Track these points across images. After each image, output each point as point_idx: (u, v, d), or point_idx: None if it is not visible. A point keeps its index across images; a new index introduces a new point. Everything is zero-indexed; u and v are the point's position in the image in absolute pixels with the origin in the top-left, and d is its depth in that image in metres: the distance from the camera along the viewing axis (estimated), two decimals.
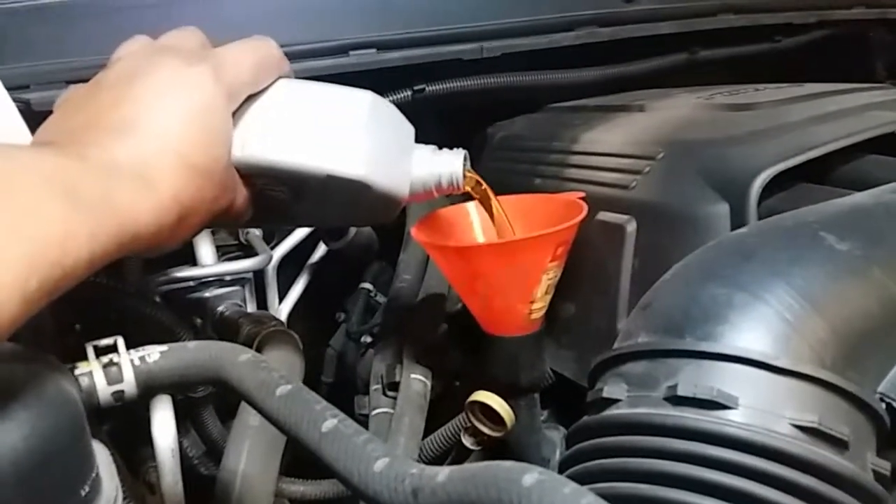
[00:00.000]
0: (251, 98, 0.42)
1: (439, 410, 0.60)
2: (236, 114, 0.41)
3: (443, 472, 0.28)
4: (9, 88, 0.42)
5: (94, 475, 0.32)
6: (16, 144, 0.34)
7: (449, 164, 0.46)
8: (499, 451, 0.56)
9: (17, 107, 0.42)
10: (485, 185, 0.50)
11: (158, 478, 0.50)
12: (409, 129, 0.46)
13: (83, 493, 0.31)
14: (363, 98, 0.43)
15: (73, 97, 0.39)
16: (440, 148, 0.47)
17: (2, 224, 0.27)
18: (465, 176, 0.47)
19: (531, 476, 0.25)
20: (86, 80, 0.58)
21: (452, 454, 0.59)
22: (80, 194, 0.30)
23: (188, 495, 0.51)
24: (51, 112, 0.53)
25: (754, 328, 0.35)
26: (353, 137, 0.42)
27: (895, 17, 0.99)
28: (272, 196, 0.44)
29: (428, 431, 0.59)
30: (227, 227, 0.71)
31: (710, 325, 0.36)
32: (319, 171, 0.42)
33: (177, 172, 0.36)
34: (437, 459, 0.58)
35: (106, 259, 0.31)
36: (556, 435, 0.59)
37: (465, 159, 0.47)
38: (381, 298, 0.84)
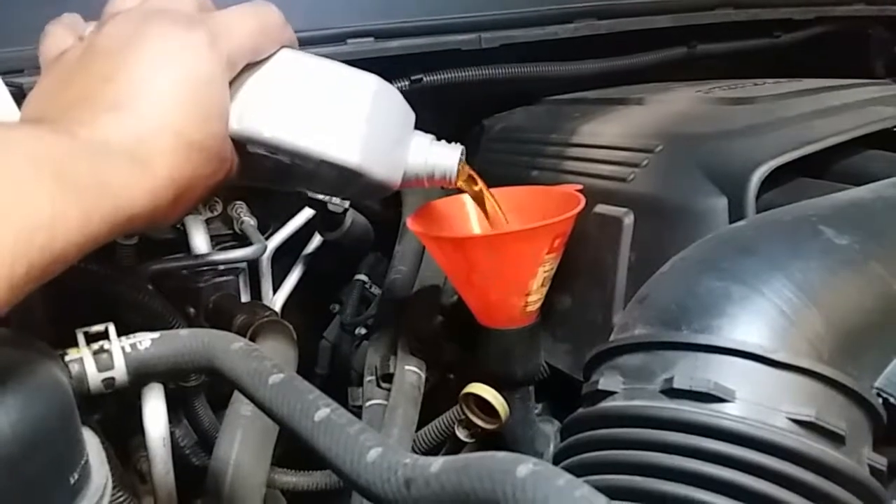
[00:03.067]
0: (250, 67, 0.41)
1: (433, 402, 0.60)
2: (234, 82, 0.40)
3: (436, 463, 0.28)
4: (2, 72, 0.41)
5: (83, 462, 0.32)
6: (3, 122, 0.33)
7: (445, 157, 0.46)
8: (493, 443, 0.56)
9: (10, 91, 0.42)
10: (480, 184, 0.49)
11: (150, 467, 0.50)
12: (410, 116, 0.46)
13: (72, 481, 0.31)
14: (368, 84, 0.42)
15: (65, 63, 0.38)
16: (438, 139, 0.47)
17: None
18: (458, 171, 0.46)
19: (525, 467, 0.25)
20: None
21: (446, 446, 0.59)
22: (71, 176, 0.29)
23: (179, 485, 0.51)
24: None
25: (752, 321, 0.35)
26: (353, 125, 0.41)
27: (894, 14, 0.99)
28: (263, 162, 0.43)
29: (422, 423, 0.59)
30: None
31: (708, 317, 0.35)
32: (314, 153, 0.41)
33: (173, 151, 0.34)
34: (430, 452, 0.58)
35: (98, 242, 0.30)
36: (551, 428, 0.58)
37: (461, 154, 0.46)
38: (375, 290, 0.83)
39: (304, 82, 0.41)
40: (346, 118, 0.41)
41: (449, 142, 0.46)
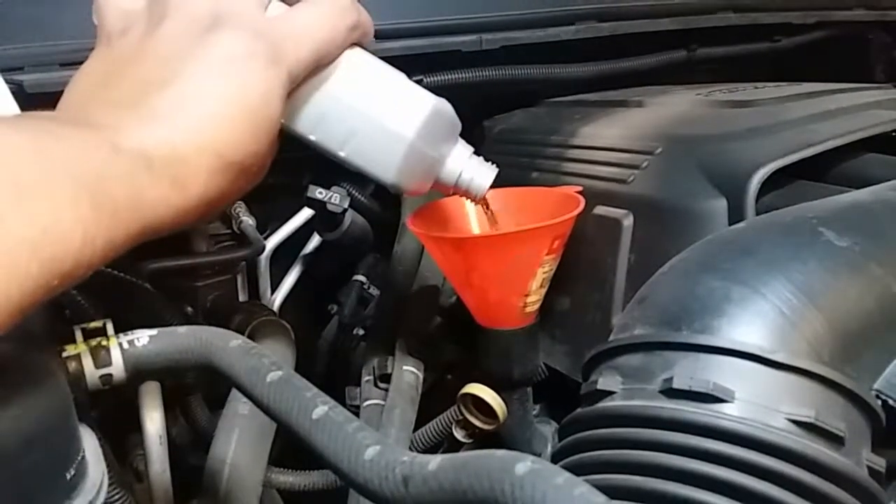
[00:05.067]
0: None
1: (431, 403, 0.60)
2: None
3: (434, 461, 0.27)
4: (2, 70, 0.41)
5: (80, 458, 0.32)
6: (52, 123, 0.30)
7: (480, 175, 0.46)
8: (490, 444, 0.56)
9: (10, 89, 0.41)
10: (490, 211, 0.50)
11: (146, 465, 0.50)
12: (456, 128, 0.45)
13: (68, 477, 0.31)
14: (424, 104, 0.41)
15: (122, 50, 0.36)
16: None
17: (16, 231, 0.25)
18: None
19: (524, 465, 0.25)
20: (80, 63, 0.58)
21: (443, 447, 0.59)
22: (108, 196, 0.28)
23: (176, 483, 0.51)
24: (44, 94, 0.53)
25: (752, 322, 0.35)
26: (397, 146, 0.40)
27: (894, 19, 0.99)
28: (300, 140, 0.42)
29: (420, 424, 0.59)
30: None
31: (707, 318, 0.35)
32: (355, 165, 0.41)
33: (211, 171, 0.33)
34: (428, 452, 0.58)
35: (115, 254, 0.30)
36: (548, 429, 0.58)
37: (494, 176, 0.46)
38: (374, 290, 0.83)
39: (360, 92, 0.40)
40: (393, 138, 0.40)
41: None
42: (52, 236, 0.26)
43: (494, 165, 0.47)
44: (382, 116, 0.40)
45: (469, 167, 0.45)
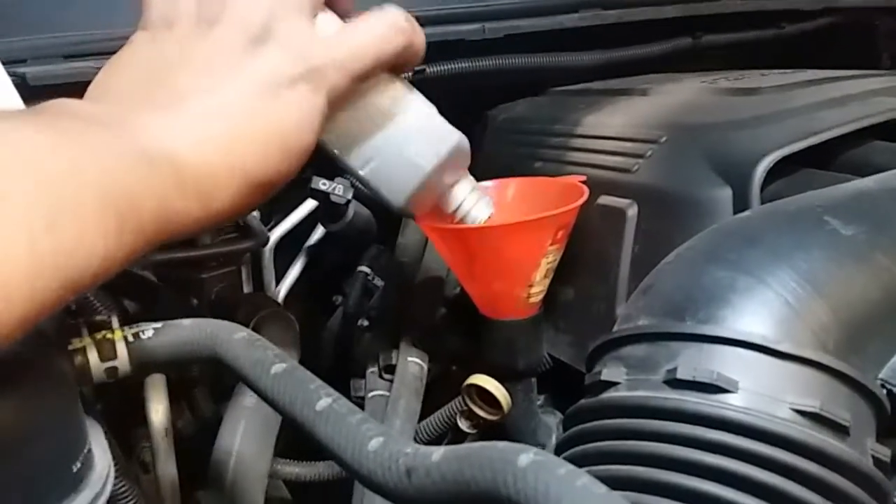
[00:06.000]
0: None
1: (436, 394, 0.60)
2: None
3: (437, 452, 0.27)
4: (5, 62, 0.41)
5: (86, 451, 0.32)
6: (83, 125, 0.29)
7: (477, 210, 0.47)
8: (495, 435, 0.56)
9: (13, 81, 0.41)
10: None
11: (152, 457, 0.50)
12: (466, 161, 0.46)
13: (75, 469, 0.31)
14: (447, 140, 0.42)
15: (164, 46, 0.35)
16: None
17: (44, 256, 0.24)
18: None
19: (527, 456, 0.25)
20: (84, 56, 0.58)
21: (448, 438, 0.59)
22: (134, 209, 0.28)
23: (182, 475, 0.51)
24: (47, 86, 0.53)
25: (757, 312, 0.34)
26: (413, 178, 0.42)
27: None
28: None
29: (424, 415, 0.59)
30: None
31: (712, 308, 0.35)
32: (369, 185, 0.43)
33: (238, 190, 0.33)
34: (432, 443, 0.58)
35: (132, 262, 0.29)
36: (553, 420, 0.58)
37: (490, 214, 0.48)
38: (378, 282, 0.83)
39: (390, 120, 0.41)
40: (412, 169, 0.42)
41: None
42: (77, 258, 0.26)
43: (491, 202, 0.48)
44: (406, 147, 0.41)
45: (470, 200, 0.47)
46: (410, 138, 0.41)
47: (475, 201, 0.47)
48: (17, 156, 0.25)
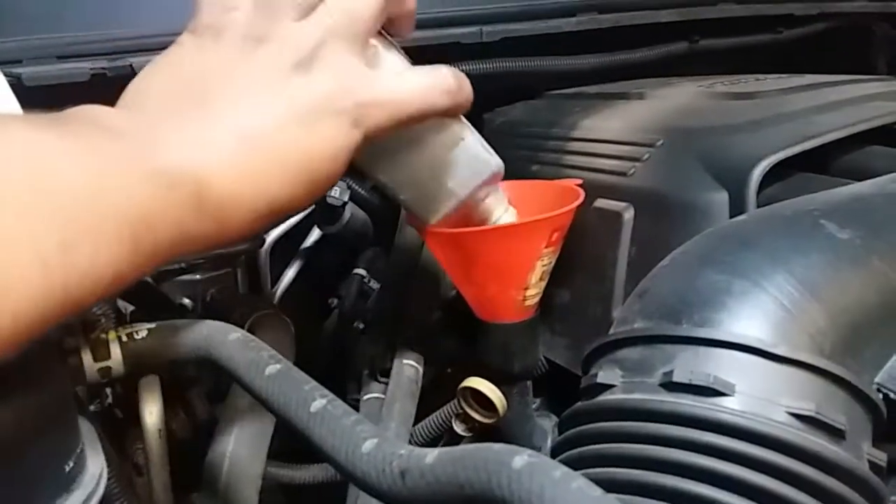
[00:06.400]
0: None
1: (431, 397, 0.60)
2: None
3: (431, 454, 0.27)
4: (0, 63, 0.41)
5: (79, 450, 0.32)
6: (109, 141, 0.28)
7: (503, 221, 0.48)
8: (490, 438, 0.56)
9: (9, 81, 0.41)
10: None
11: (146, 459, 0.50)
12: (500, 178, 0.47)
13: (67, 469, 0.31)
14: (483, 170, 0.44)
15: (209, 56, 0.34)
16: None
17: (57, 279, 0.24)
18: None
19: (521, 458, 0.25)
20: (79, 56, 0.58)
21: (443, 441, 0.59)
22: (150, 233, 0.27)
23: (175, 477, 0.51)
24: (42, 87, 0.53)
25: (752, 315, 0.34)
26: (449, 201, 0.43)
27: None
28: None
29: (420, 418, 0.59)
30: None
31: (708, 311, 0.35)
32: (405, 204, 0.44)
33: (258, 217, 0.32)
34: (427, 446, 0.57)
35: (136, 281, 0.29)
36: (548, 423, 0.58)
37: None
38: (374, 284, 0.83)
39: (429, 146, 0.41)
40: (448, 194, 0.43)
41: None
42: (88, 279, 0.25)
43: (516, 213, 0.49)
44: (444, 175, 0.42)
45: (497, 212, 0.48)
46: (449, 167, 0.42)
47: (502, 213, 0.48)
48: (40, 168, 0.25)
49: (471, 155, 0.43)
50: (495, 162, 0.44)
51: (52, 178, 0.25)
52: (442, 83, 0.37)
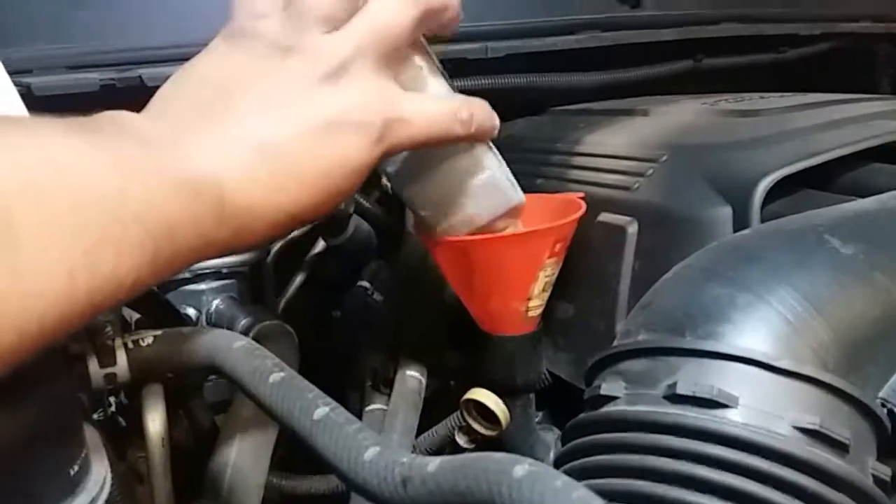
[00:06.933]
0: None
1: (434, 409, 0.60)
2: None
3: (433, 462, 0.27)
4: (10, 73, 0.41)
5: (83, 455, 0.32)
6: (137, 147, 0.28)
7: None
8: (492, 450, 0.55)
9: (19, 91, 0.42)
10: None
11: (148, 467, 0.50)
12: (521, 208, 0.48)
13: (71, 473, 0.31)
14: (504, 203, 0.45)
15: (240, 59, 0.33)
16: None
17: (80, 284, 0.24)
18: None
19: (522, 467, 0.25)
20: (88, 67, 0.58)
21: (446, 453, 0.59)
22: (171, 241, 0.28)
23: (178, 486, 0.51)
24: (52, 97, 0.53)
25: (756, 328, 0.34)
26: (465, 226, 0.45)
27: None
28: None
29: (422, 430, 0.59)
30: None
31: (712, 324, 0.35)
32: (426, 221, 0.45)
33: (274, 226, 0.33)
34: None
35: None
36: (551, 436, 0.58)
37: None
38: (378, 297, 0.83)
39: (454, 171, 0.42)
40: (466, 221, 0.45)
41: None
42: (108, 286, 0.26)
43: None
44: (465, 200, 0.44)
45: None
46: (470, 193, 0.43)
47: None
48: (69, 175, 0.25)
49: (493, 185, 0.44)
50: (517, 197, 0.46)
51: (81, 186, 0.25)
52: (457, 112, 0.38)
